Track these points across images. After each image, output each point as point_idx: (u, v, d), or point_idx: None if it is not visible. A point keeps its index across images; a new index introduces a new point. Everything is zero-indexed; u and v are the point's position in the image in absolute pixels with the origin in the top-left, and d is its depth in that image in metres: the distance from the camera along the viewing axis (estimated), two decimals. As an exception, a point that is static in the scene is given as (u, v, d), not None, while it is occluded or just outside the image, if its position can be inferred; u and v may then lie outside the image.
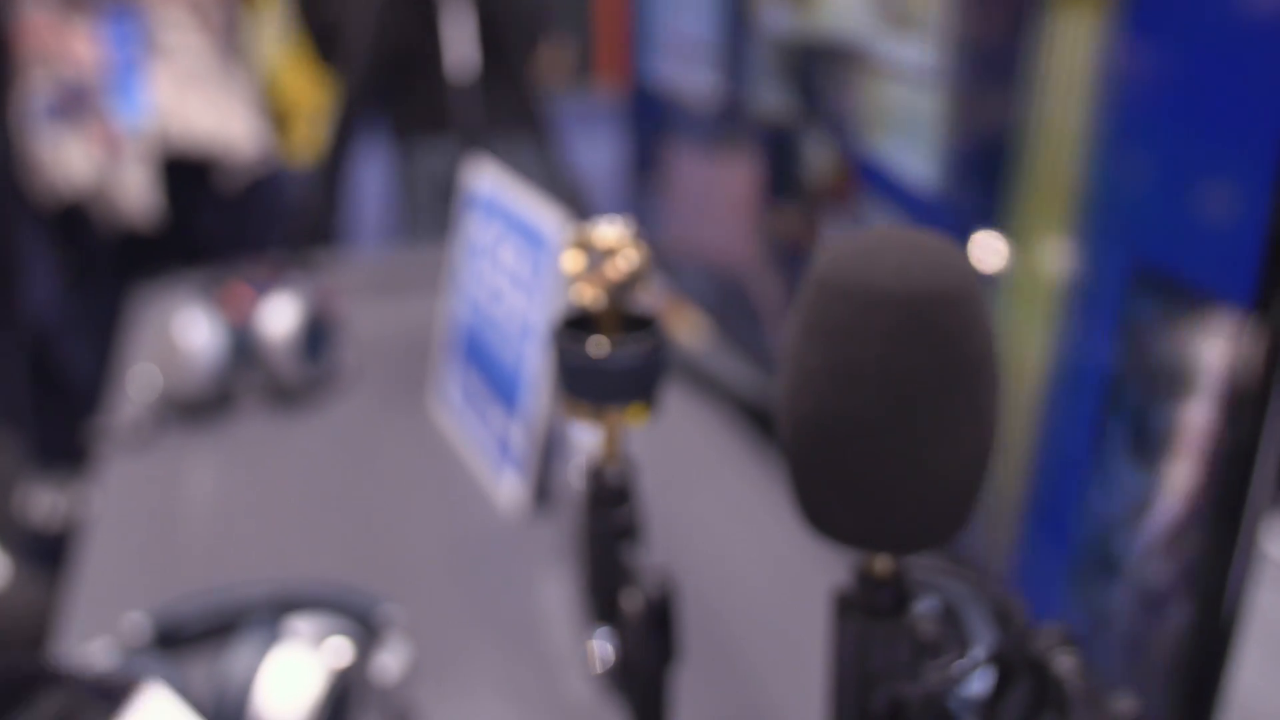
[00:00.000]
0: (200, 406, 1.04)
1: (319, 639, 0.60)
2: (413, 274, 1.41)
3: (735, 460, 0.96)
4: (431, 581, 0.79)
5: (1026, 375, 0.58)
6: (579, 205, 1.49)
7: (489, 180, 0.99)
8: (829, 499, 0.35)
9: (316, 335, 1.08)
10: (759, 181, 0.92)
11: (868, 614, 0.38)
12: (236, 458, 0.98)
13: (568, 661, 0.71)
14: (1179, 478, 0.48)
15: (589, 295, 0.44)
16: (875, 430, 0.33)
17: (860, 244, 0.34)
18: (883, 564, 0.38)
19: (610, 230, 0.44)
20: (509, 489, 0.88)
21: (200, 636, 0.72)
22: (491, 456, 0.91)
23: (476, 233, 1.00)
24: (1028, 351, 0.57)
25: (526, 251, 0.89)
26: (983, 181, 0.60)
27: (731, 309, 1.01)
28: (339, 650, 0.60)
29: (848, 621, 0.39)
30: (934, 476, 0.34)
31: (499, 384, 0.91)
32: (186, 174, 1.53)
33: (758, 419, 1.02)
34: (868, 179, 0.73)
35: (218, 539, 0.86)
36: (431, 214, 1.69)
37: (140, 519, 0.89)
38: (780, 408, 0.36)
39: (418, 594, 0.77)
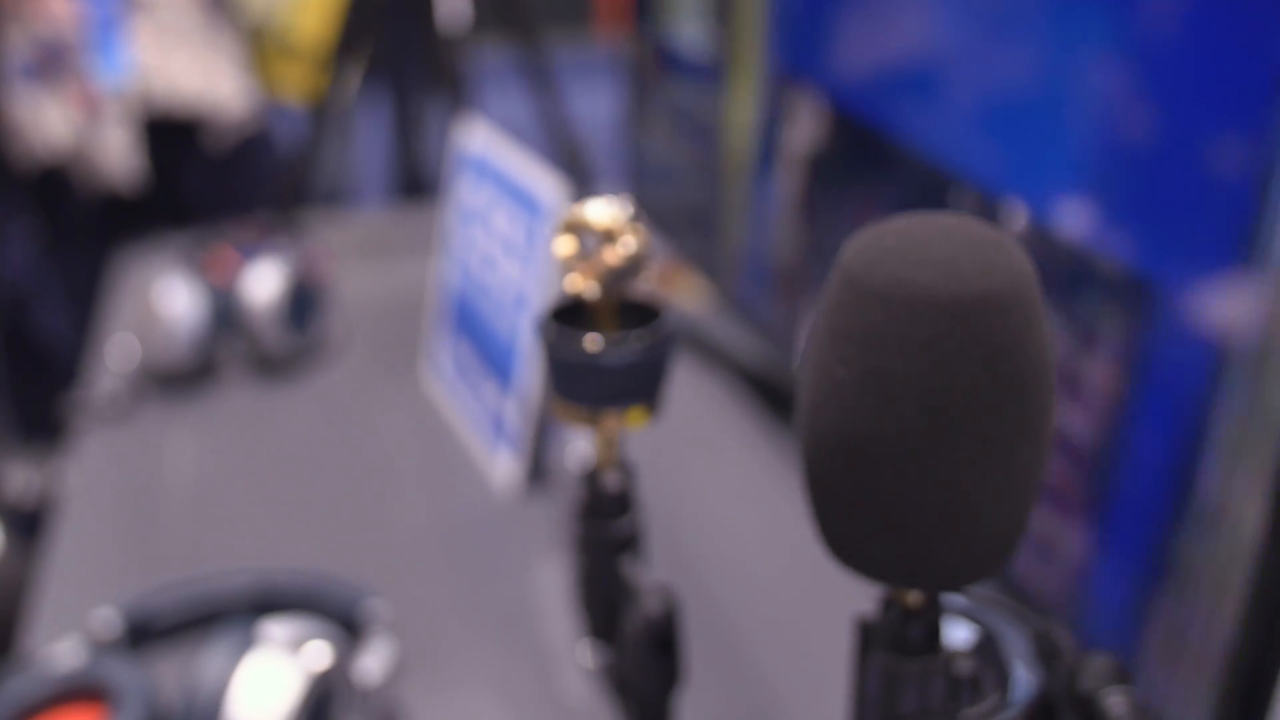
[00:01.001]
0: (180, 377, 1.00)
1: (296, 643, 0.56)
2: (406, 235, 1.36)
3: (742, 436, 0.91)
4: (421, 568, 0.75)
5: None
6: (578, 163, 1.44)
7: (480, 139, 0.94)
8: (856, 530, 0.31)
9: (303, 302, 1.03)
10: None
11: (896, 649, 0.34)
12: (218, 432, 0.94)
13: (564, 656, 0.67)
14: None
15: (583, 284, 0.39)
16: (913, 454, 0.29)
17: (897, 234, 0.30)
18: (915, 594, 0.34)
19: (607, 210, 0.39)
20: (504, 468, 0.84)
21: (175, 631, 0.68)
22: (485, 433, 0.87)
23: (468, 195, 0.95)
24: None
25: (520, 217, 0.84)
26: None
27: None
28: (317, 654, 0.56)
29: (873, 656, 0.34)
30: (979, 507, 0.29)
31: (492, 357, 0.86)
32: (171, 134, 1.48)
33: (765, 390, 0.97)
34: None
35: (197, 518, 0.82)
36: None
37: (117, 498, 0.85)
38: (800, 421, 0.31)
39: (406, 581, 0.73)
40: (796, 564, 0.75)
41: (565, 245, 0.39)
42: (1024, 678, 0.35)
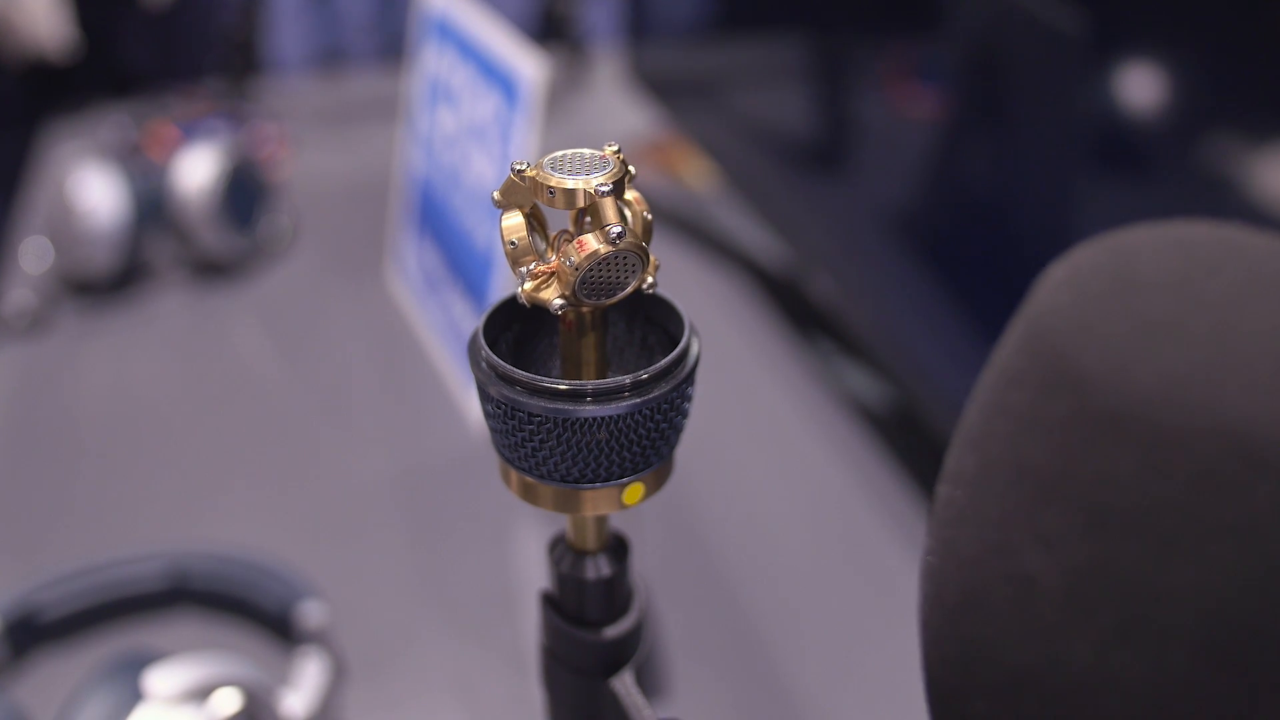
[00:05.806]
0: (101, 285, 0.85)
1: (196, 691, 0.43)
2: (381, 106, 1.19)
3: (752, 341, 0.77)
4: (376, 532, 0.62)
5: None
6: (561, 18, 1.25)
7: (446, -1, 0.77)
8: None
9: (247, 192, 0.88)
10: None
11: None
12: (144, 351, 0.80)
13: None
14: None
15: (542, 289, 0.24)
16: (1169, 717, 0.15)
17: (1163, 284, 0.15)
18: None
19: (582, 173, 0.23)
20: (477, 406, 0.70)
21: (70, 631, 0.55)
22: (458, 359, 0.73)
23: (434, 66, 0.78)
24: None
25: (490, 99, 0.68)
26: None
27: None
28: (223, 700, 0.43)
29: None
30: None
31: (465, 268, 0.72)
32: None
33: (779, 289, 0.83)
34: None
35: (114, 461, 0.69)
36: None
37: (19, 435, 0.71)
38: (933, 613, 0.17)
39: (358, 552, 0.60)
40: (812, 495, 0.62)
41: (513, 224, 0.24)
42: None
